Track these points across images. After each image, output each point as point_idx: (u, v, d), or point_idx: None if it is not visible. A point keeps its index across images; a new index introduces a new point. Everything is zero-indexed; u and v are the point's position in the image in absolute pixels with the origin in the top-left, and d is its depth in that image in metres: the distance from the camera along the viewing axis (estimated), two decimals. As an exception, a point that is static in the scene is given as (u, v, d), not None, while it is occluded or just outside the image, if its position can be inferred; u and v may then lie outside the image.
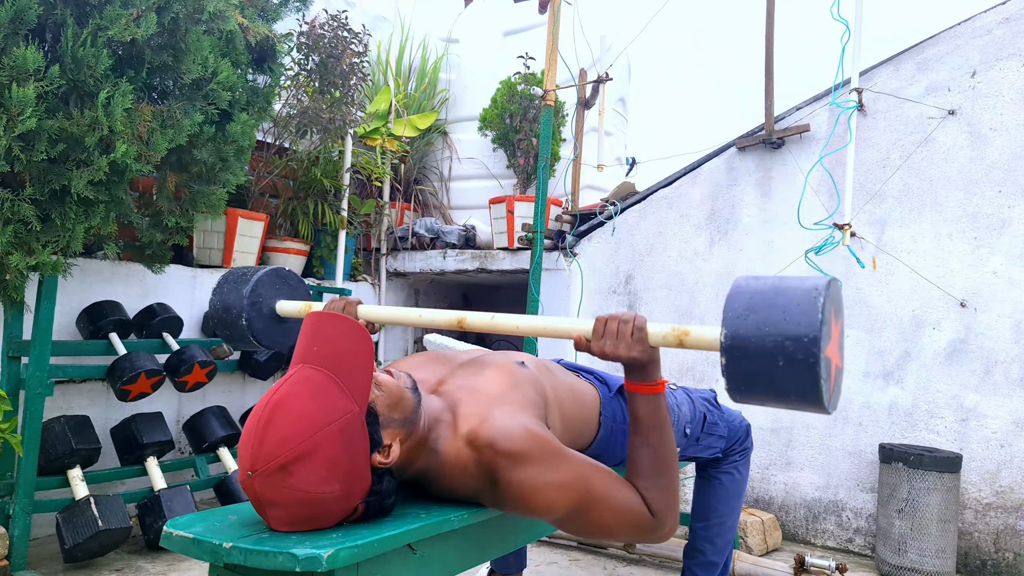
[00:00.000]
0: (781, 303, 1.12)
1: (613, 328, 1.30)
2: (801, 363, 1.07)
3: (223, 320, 1.69)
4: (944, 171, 2.94)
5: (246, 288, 1.66)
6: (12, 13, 2.07)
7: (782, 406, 1.16)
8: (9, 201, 2.17)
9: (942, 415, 2.88)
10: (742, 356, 1.12)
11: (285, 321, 1.75)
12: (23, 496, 2.37)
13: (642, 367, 1.32)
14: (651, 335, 1.28)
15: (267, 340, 1.71)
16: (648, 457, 1.33)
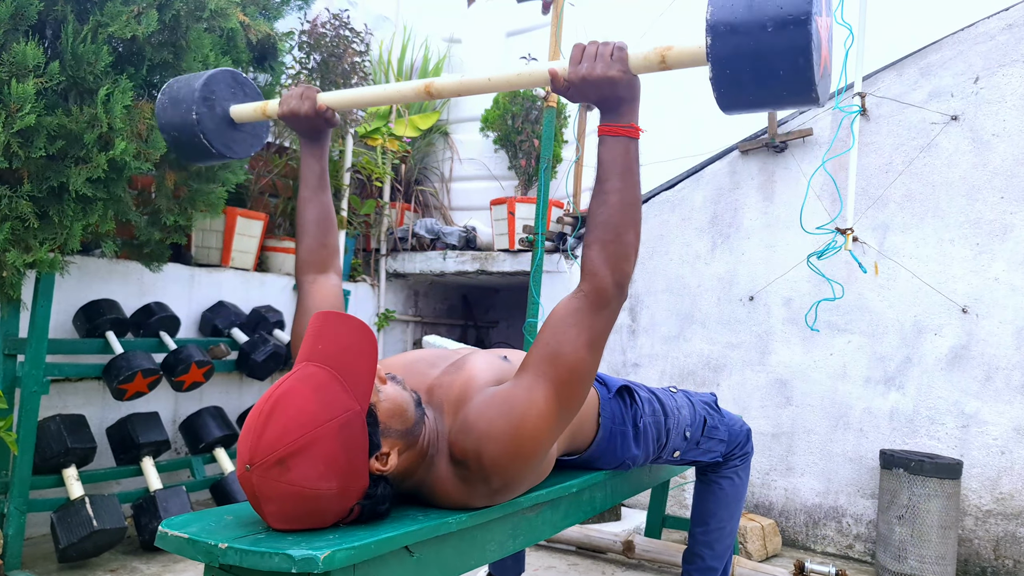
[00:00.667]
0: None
1: (592, 50, 1.23)
2: (792, 23, 1.03)
3: (171, 119, 1.56)
4: (946, 177, 2.93)
5: (198, 82, 1.54)
6: (13, 9, 2.06)
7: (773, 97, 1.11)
8: (7, 198, 2.16)
9: (943, 421, 2.87)
10: (728, 32, 1.08)
11: (239, 127, 1.64)
12: (18, 495, 2.35)
13: (619, 101, 1.24)
14: (632, 57, 1.21)
15: (218, 142, 1.58)
16: (599, 206, 1.24)
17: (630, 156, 1.24)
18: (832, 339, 3.11)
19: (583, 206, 4.06)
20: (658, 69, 1.20)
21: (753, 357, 3.29)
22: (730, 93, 1.13)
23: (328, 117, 1.54)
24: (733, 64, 1.10)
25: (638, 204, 1.25)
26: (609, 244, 1.22)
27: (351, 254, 4.24)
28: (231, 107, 1.61)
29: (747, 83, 1.11)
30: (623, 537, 2.77)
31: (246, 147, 1.68)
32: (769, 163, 3.33)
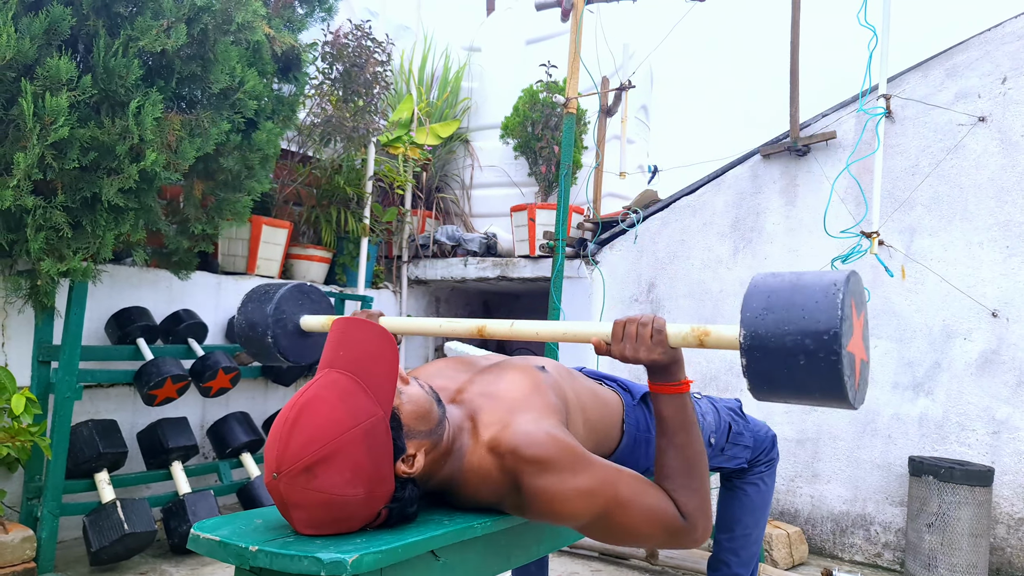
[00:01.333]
0: (799, 301, 1.10)
1: (632, 331, 1.29)
2: (823, 360, 1.06)
3: (250, 338, 1.72)
4: (975, 179, 2.89)
5: (270, 306, 1.69)
6: (46, 24, 2.12)
7: (807, 403, 1.14)
8: (42, 208, 2.22)
9: (973, 427, 2.82)
10: (762, 356, 1.11)
11: (310, 335, 1.77)
12: (51, 499, 2.41)
13: (664, 368, 1.31)
14: (671, 336, 1.27)
15: (293, 355, 1.73)
16: (675, 458, 1.30)
17: (688, 410, 1.32)
18: (858, 344, 3.07)
19: (603, 212, 4.06)
20: (696, 346, 1.26)
21: (777, 362, 3.25)
22: (764, 391, 1.16)
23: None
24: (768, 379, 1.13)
25: (704, 453, 1.33)
26: (698, 492, 1.28)
27: (373, 261, 4.28)
28: (301, 319, 1.75)
29: (782, 394, 1.14)
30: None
31: (318, 349, 1.82)
32: (791, 167, 3.30)
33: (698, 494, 1.28)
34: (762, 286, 1.16)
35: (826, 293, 1.08)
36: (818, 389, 1.08)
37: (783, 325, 1.09)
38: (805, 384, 1.09)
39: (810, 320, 1.07)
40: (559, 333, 1.40)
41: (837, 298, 1.07)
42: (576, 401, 1.45)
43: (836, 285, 1.09)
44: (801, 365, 1.07)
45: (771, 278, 1.17)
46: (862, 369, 1.17)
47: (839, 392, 1.07)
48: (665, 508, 1.24)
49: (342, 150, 3.99)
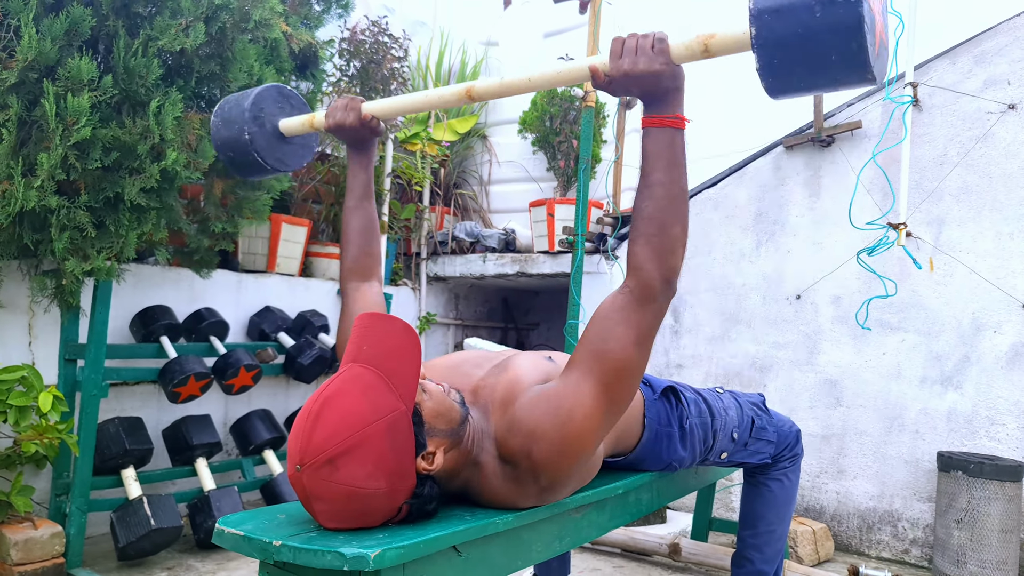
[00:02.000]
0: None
1: (632, 44, 1.20)
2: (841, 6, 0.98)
3: (224, 137, 1.61)
4: (1005, 168, 2.83)
5: (247, 102, 1.59)
6: (67, 25, 2.14)
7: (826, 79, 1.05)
8: (65, 208, 2.24)
9: (1004, 422, 2.76)
10: (774, 18, 1.03)
11: (289, 140, 1.68)
12: (79, 495, 2.44)
13: (664, 92, 1.21)
14: (673, 48, 1.18)
15: (270, 157, 1.63)
16: (644, 200, 1.21)
17: (676, 147, 1.21)
18: (884, 338, 3.02)
19: (623, 206, 4.03)
20: (701, 58, 1.17)
21: (801, 357, 3.21)
22: (778, 80, 1.08)
23: (373, 126, 1.56)
24: (780, 51, 1.05)
25: (685, 197, 1.22)
26: (654, 238, 1.20)
27: (392, 258, 4.28)
28: (280, 121, 1.66)
29: (796, 69, 1.05)
30: (669, 540, 2.73)
31: (298, 159, 1.74)
32: (815, 158, 3.25)
33: (654, 240, 1.20)
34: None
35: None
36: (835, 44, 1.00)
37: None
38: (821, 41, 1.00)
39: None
40: (551, 75, 1.32)
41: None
42: None
43: None
44: (817, 18, 0.99)
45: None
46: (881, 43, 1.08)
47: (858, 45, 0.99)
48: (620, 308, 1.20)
49: (360, 147, 3.99)
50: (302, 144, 1.73)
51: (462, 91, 1.43)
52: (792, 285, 3.26)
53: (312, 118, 1.62)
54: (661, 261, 1.19)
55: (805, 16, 1.01)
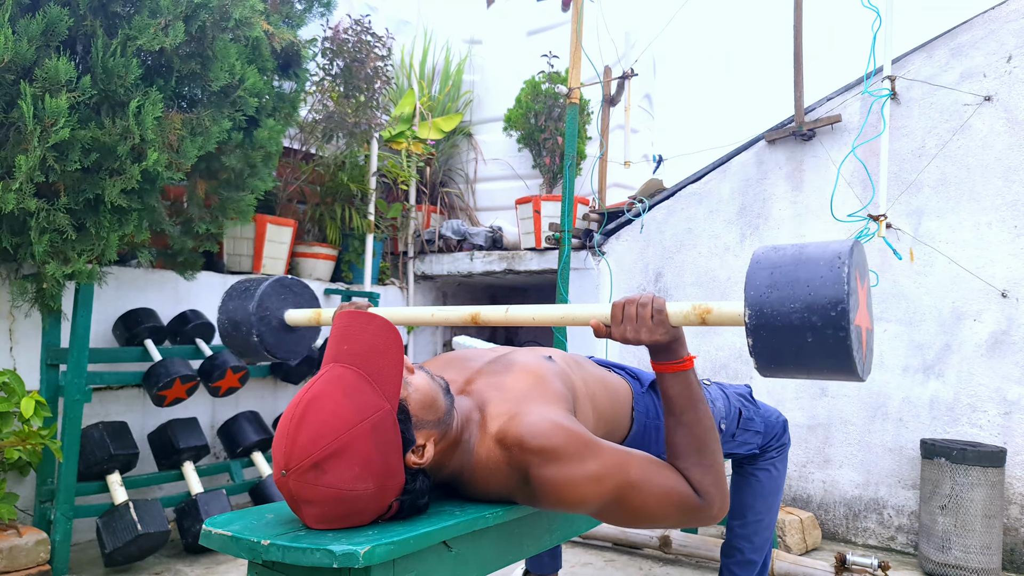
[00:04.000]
0: (804, 276, 1.07)
1: (632, 312, 1.27)
2: (831, 337, 1.04)
3: (234, 337, 1.69)
4: (981, 159, 2.86)
5: (251, 304, 1.65)
6: (44, 25, 2.11)
7: (814, 378, 1.13)
8: (45, 211, 2.22)
9: (985, 409, 2.80)
10: (769, 335, 1.09)
11: (295, 330, 1.74)
12: (64, 501, 2.41)
13: (666, 347, 1.29)
14: (671, 315, 1.24)
15: (280, 352, 1.71)
16: (685, 436, 1.29)
17: (693, 387, 1.30)
18: (867, 328, 3.05)
19: (609, 202, 4.04)
20: (698, 324, 1.24)
21: (786, 349, 3.24)
22: (771, 368, 1.14)
23: None
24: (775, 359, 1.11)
25: (715, 430, 1.31)
26: (711, 468, 1.26)
27: (379, 258, 4.27)
28: (286, 314, 1.72)
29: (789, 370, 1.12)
30: (659, 532, 2.75)
31: (305, 345, 1.80)
32: (797, 152, 3.28)
33: (712, 470, 1.26)
34: (764, 261, 1.13)
35: (831, 267, 1.06)
36: (826, 365, 1.07)
37: (789, 303, 1.07)
38: (813, 360, 1.07)
39: (816, 296, 1.05)
40: (556, 317, 1.38)
41: (843, 272, 1.04)
42: (584, 389, 1.45)
43: (840, 258, 1.06)
44: (809, 342, 1.05)
45: (773, 252, 1.14)
46: (868, 339, 1.15)
47: (848, 366, 1.05)
48: (678, 487, 1.23)
49: (344, 146, 3.98)
50: (308, 330, 1.80)
51: (467, 316, 1.49)
52: (776, 278, 3.28)
53: (319, 315, 1.68)
54: (723, 493, 1.26)
55: (797, 340, 1.07)
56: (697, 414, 1.30)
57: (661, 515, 1.23)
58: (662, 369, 1.31)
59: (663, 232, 3.64)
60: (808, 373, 1.12)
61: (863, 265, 1.16)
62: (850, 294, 1.04)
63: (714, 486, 1.25)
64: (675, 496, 1.22)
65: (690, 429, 1.28)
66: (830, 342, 1.04)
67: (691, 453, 1.28)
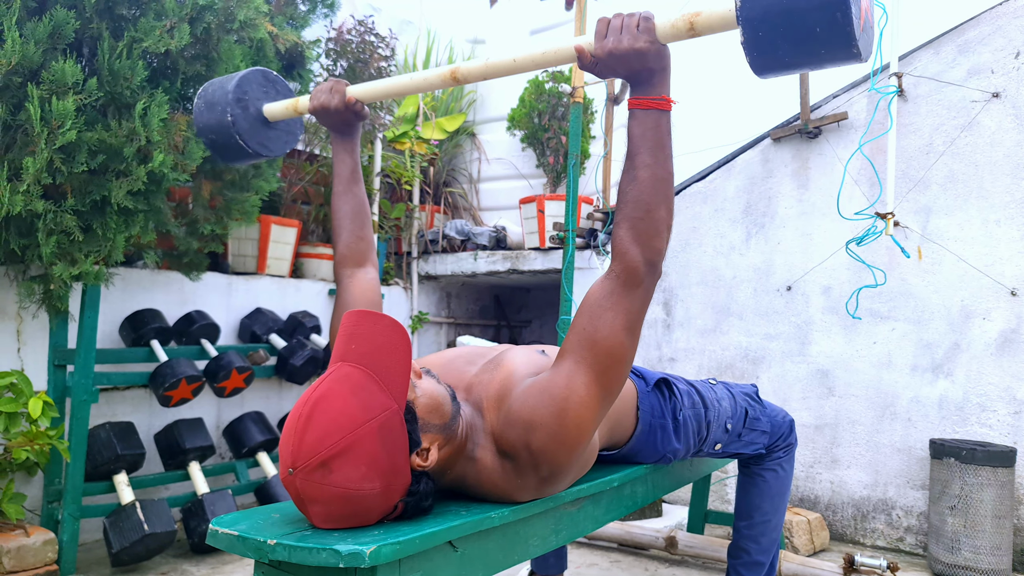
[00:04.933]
0: None
1: (617, 23, 1.20)
2: None
3: (206, 118, 1.59)
4: (990, 156, 2.85)
5: (231, 84, 1.58)
6: (50, 28, 2.12)
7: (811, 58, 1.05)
8: (52, 213, 2.22)
9: (994, 408, 2.78)
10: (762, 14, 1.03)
11: (273, 126, 1.66)
12: (71, 502, 2.42)
13: (650, 72, 1.20)
14: (659, 27, 1.17)
15: (253, 141, 1.61)
16: (629, 183, 1.21)
17: (661, 129, 1.20)
18: (875, 327, 3.04)
19: (612, 201, 4.03)
20: (687, 36, 1.16)
21: (793, 348, 3.23)
22: (764, 56, 1.08)
23: (357, 110, 1.55)
24: (765, 25, 1.04)
25: (670, 179, 1.21)
26: (639, 221, 1.19)
27: (383, 258, 4.27)
28: (264, 106, 1.64)
29: (781, 44, 1.05)
30: (665, 533, 2.74)
31: (281, 145, 1.71)
32: (803, 149, 3.26)
33: (639, 224, 1.19)
34: None
35: None
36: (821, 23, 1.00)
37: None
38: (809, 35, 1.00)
39: None
40: (536, 56, 1.30)
41: None
42: None
43: None
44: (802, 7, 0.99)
45: None
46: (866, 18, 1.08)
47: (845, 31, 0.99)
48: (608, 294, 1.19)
49: (349, 147, 3.97)
50: (286, 130, 1.72)
51: (447, 73, 1.42)
52: (782, 276, 3.27)
53: (296, 102, 1.61)
54: (645, 244, 1.19)
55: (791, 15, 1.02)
56: (654, 159, 1.19)
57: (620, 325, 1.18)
58: (636, 104, 1.21)
59: (668, 231, 3.62)
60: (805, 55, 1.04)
61: None
62: None
63: (634, 240, 1.19)
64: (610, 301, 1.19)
65: (637, 175, 1.20)
66: None
67: (626, 203, 1.20)
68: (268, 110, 1.64)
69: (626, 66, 1.20)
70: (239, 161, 1.67)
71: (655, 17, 1.19)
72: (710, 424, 1.75)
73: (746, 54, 1.09)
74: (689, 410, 1.70)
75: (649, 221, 1.19)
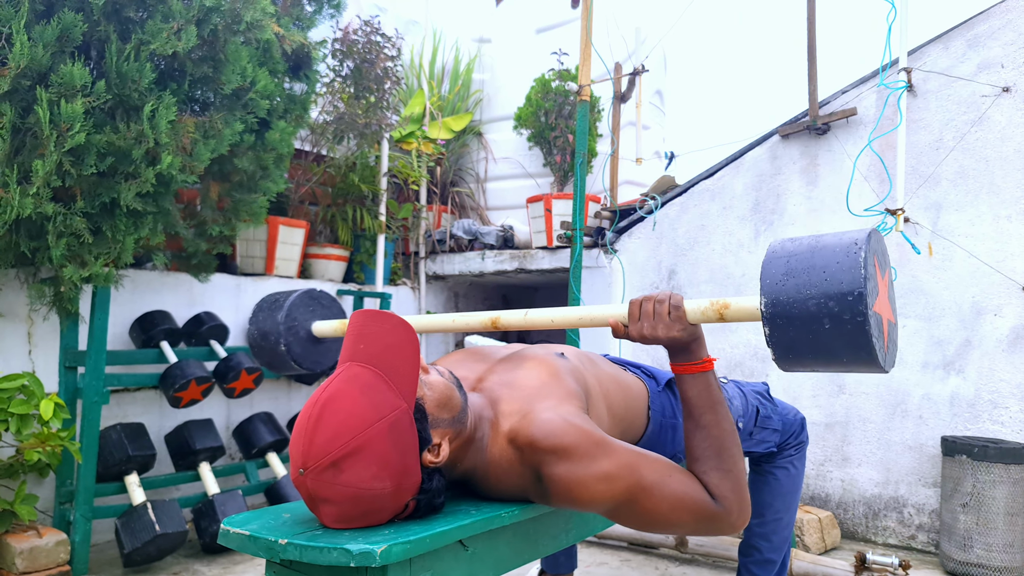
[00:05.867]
0: (820, 263, 1.06)
1: (649, 309, 1.27)
2: (848, 323, 1.02)
3: (262, 348, 1.73)
4: (1000, 151, 2.82)
5: (280, 314, 1.70)
6: (58, 31, 2.13)
7: (835, 370, 1.11)
8: (62, 215, 2.23)
9: (1006, 405, 2.76)
10: (786, 323, 1.07)
11: (322, 341, 1.77)
12: (83, 502, 2.44)
13: (685, 347, 1.28)
14: (689, 312, 1.24)
15: (307, 362, 1.74)
16: (703, 440, 1.27)
17: (713, 389, 1.28)
18: (885, 324, 3.02)
19: (620, 199, 4.02)
20: (716, 321, 1.24)
21: (802, 345, 3.21)
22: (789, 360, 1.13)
23: None
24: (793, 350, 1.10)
25: (736, 433, 1.28)
26: (730, 473, 1.24)
27: (391, 258, 4.28)
28: (313, 325, 1.75)
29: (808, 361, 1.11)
30: (676, 532, 2.73)
31: (332, 356, 1.83)
32: (811, 146, 3.25)
33: (730, 475, 1.23)
34: (780, 251, 1.12)
35: (847, 253, 1.04)
36: (846, 353, 1.05)
37: (805, 289, 1.05)
38: (832, 349, 1.05)
39: (833, 282, 1.03)
40: (575, 318, 1.38)
41: (859, 257, 1.02)
42: (598, 388, 1.43)
43: (857, 244, 1.04)
44: (826, 329, 1.03)
45: (789, 243, 1.13)
46: (890, 331, 1.13)
47: (868, 355, 1.03)
48: (693, 492, 1.20)
49: (355, 148, 3.99)
50: (334, 343, 1.83)
51: (487, 320, 1.52)
52: (791, 274, 3.25)
53: (344, 324, 1.72)
54: (742, 499, 1.22)
55: (814, 327, 1.06)
56: (717, 416, 1.27)
57: (675, 520, 1.19)
58: (681, 371, 1.30)
59: (676, 229, 3.62)
60: (827, 363, 1.09)
61: (883, 254, 1.14)
62: (867, 279, 1.01)
63: (732, 492, 1.22)
64: (689, 502, 1.19)
65: (708, 432, 1.26)
66: (848, 328, 1.02)
67: (709, 457, 1.25)
68: (318, 329, 1.75)
69: (661, 345, 1.30)
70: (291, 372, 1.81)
71: (684, 302, 1.26)
72: (721, 423, 1.74)
73: (769, 346, 1.14)
74: (699, 409, 1.69)
75: (738, 472, 1.24)
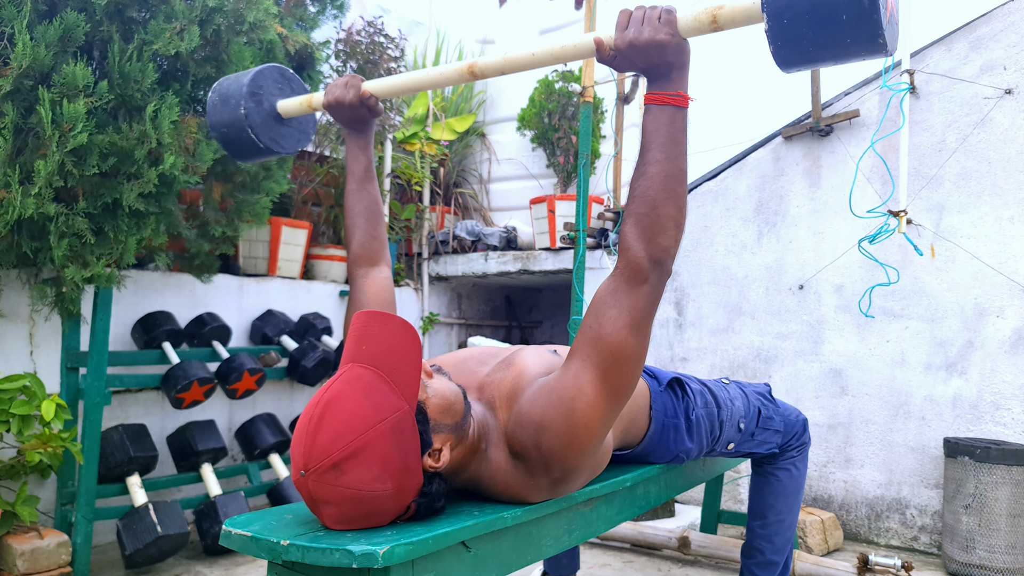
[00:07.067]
0: None
1: (639, 15, 1.18)
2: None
3: (220, 112, 1.57)
4: (1003, 153, 2.82)
5: (246, 78, 1.56)
6: (61, 31, 2.13)
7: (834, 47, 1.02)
8: (64, 216, 2.23)
9: (1009, 406, 2.76)
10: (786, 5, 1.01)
11: (286, 123, 1.65)
12: (84, 504, 2.43)
13: (668, 67, 1.18)
14: (680, 20, 1.16)
15: (265, 137, 1.59)
16: (641, 177, 1.18)
17: (675, 126, 1.18)
18: (888, 325, 3.01)
19: (623, 201, 4.02)
20: (709, 30, 1.14)
21: (805, 347, 3.20)
22: (789, 47, 1.05)
23: (372, 105, 1.54)
24: (790, 13, 1.02)
25: (681, 176, 1.18)
26: (644, 217, 1.17)
27: (393, 259, 4.28)
28: (278, 102, 1.63)
29: (807, 34, 1.02)
30: (678, 533, 2.72)
31: (293, 142, 1.70)
32: (814, 148, 3.24)
33: (645, 218, 1.16)
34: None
35: None
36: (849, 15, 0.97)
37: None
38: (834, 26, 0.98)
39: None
40: (555, 50, 1.29)
41: None
42: None
43: None
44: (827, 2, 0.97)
45: None
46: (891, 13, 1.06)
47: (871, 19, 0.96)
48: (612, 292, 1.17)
49: (358, 149, 3.98)
50: (299, 128, 1.71)
51: (464, 68, 1.40)
52: (794, 275, 3.25)
53: (311, 98, 1.60)
54: (650, 240, 1.17)
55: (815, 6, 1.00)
56: (664, 154, 1.17)
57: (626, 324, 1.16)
58: (652, 99, 1.19)
59: (678, 230, 3.61)
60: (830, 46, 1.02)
61: None
62: None
63: (639, 236, 1.16)
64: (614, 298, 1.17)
65: (646, 169, 1.18)
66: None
67: (634, 199, 1.18)
68: (282, 106, 1.63)
69: (645, 58, 1.18)
70: (250, 158, 1.66)
71: (677, 11, 1.17)
72: (723, 423, 1.74)
73: (770, 45, 1.06)
74: (702, 409, 1.69)
75: (655, 217, 1.17)
